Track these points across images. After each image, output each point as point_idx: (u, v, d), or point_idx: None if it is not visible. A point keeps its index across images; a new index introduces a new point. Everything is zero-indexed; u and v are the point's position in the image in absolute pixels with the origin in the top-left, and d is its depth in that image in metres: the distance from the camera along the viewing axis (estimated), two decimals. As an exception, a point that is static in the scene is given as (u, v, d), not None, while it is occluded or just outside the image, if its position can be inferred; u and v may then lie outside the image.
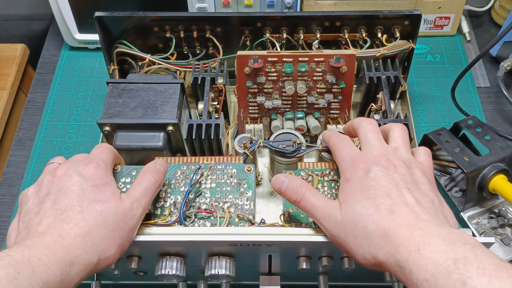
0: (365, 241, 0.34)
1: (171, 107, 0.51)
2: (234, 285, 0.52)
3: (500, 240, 0.51)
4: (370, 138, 0.41)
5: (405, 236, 0.32)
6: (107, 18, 0.56)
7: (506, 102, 0.67)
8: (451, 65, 0.71)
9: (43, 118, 0.67)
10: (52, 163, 0.42)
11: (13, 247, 0.32)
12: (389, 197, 0.35)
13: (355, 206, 0.35)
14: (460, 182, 0.54)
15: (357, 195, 0.36)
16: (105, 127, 0.50)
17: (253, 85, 0.54)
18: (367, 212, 0.34)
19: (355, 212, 0.35)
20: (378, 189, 0.35)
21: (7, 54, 0.77)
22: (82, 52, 0.75)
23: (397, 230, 0.33)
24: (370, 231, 0.34)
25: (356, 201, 0.35)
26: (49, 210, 0.35)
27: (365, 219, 0.34)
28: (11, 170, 0.63)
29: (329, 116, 0.57)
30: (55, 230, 0.34)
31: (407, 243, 0.32)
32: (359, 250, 0.35)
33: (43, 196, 0.37)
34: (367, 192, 0.35)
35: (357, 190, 0.36)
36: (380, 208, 0.34)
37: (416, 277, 0.31)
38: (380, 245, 0.33)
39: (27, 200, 0.38)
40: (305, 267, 0.43)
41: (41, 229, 0.34)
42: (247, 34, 0.59)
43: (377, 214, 0.34)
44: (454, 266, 0.29)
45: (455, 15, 0.71)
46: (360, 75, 0.58)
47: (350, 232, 0.35)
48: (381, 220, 0.34)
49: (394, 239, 0.33)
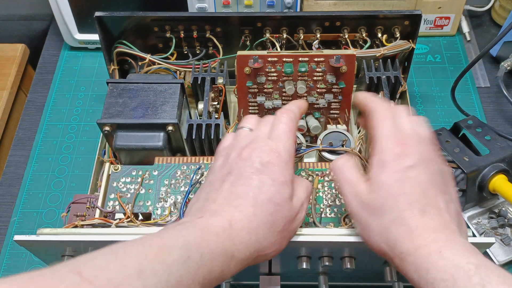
0: (386, 231, 0.34)
1: (171, 107, 0.51)
2: (234, 285, 0.52)
3: (500, 240, 0.51)
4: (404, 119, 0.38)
5: (429, 239, 0.32)
6: (107, 18, 0.56)
7: (506, 102, 0.67)
8: (451, 65, 0.71)
9: (43, 118, 0.67)
10: (242, 129, 0.41)
11: (187, 225, 0.33)
12: (424, 197, 0.34)
13: (387, 200, 0.34)
14: (460, 182, 0.54)
15: (392, 188, 0.34)
16: (105, 127, 0.50)
17: (253, 85, 0.54)
18: (398, 207, 0.33)
19: (386, 203, 0.34)
20: (416, 185, 0.34)
21: (7, 54, 0.77)
22: (82, 52, 0.75)
23: (422, 232, 0.32)
24: (396, 225, 0.33)
25: (389, 194, 0.34)
26: (225, 191, 0.36)
27: (394, 213, 0.33)
28: (11, 170, 0.63)
29: (329, 116, 0.57)
30: (226, 215, 0.34)
31: (430, 245, 0.32)
32: (376, 236, 0.34)
33: (226, 173, 0.37)
34: (404, 185, 0.34)
35: (394, 181, 0.34)
36: (413, 206, 0.33)
37: (433, 277, 0.30)
38: (400, 240, 0.33)
39: (216, 162, 0.39)
40: (305, 267, 0.43)
41: (214, 207, 0.35)
42: (247, 34, 0.59)
43: (409, 212, 0.33)
44: (475, 271, 0.29)
45: (455, 15, 0.71)
46: (360, 75, 0.58)
47: (375, 218, 0.34)
48: (410, 217, 0.33)
49: (417, 239, 0.32)
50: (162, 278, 0.28)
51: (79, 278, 0.25)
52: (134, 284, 0.27)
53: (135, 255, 0.29)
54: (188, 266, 0.30)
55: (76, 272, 0.26)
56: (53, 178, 0.62)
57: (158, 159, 0.49)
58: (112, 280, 0.26)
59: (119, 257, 0.28)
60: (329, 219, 0.45)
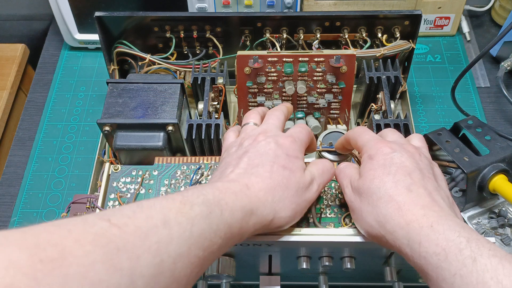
0: (376, 209, 0.35)
1: (171, 107, 0.51)
2: (234, 285, 0.52)
3: (500, 240, 0.51)
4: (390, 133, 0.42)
5: (419, 214, 0.33)
6: (107, 18, 0.56)
7: (506, 102, 0.67)
8: (451, 65, 0.71)
9: (43, 118, 0.67)
10: (248, 124, 0.44)
11: (205, 187, 0.34)
12: (409, 177, 0.35)
13: (373, 181, 0.36)
14: (460, 182, 0.54)
15: (378, 170, 0.36)
16: (105, 127, 0.50)
17: (253, 85, 0.54)
18: (384, 186, 0.35)
19: (372, 184, 0.36)
20: (401, 168, 0.36)
21: (7, 54, 0.77)
22: (82, 52, 0.75)
23: (411, 207, 0.34)
24: (384, 202, 0.35)
25: (375, 176, 0.36)
26: (243, 163, 0.38)
27: (381, 191, 0.35)
28: (11, 170, 0.63)
29: (329, 116, 0.57)
30: (243, 180, 0.36)
31: (420, 220, 0.33)
32: (368, 217, 0.36)
33: (242, 153, 0.39)
34: (389, 168, 0.36)
35: (379, 166, 0.37)
36: (399, 184, 0.35)
37: (425, 250, 0.31)
38: (390, 216, 0.34)
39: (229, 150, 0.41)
40: (305, 267, 0.43)
41: (231, 176, 0.37)
42: (247, 34, 0.59)
43: (394, 189, 0.35)
44: (466, 244, 0.30)
45: (455, 15, 0.71)
46: (360, 75, 0.58)
47: (365, 200, 0.36)
48: (397, 194, 0.35)
49: (406, 214, 0.33)
50: (186, 228, 0.30)
51: (108, 224, 0.27)
52: (160, 232, 0.28)
53: (160, 208, 0.30)
54: (210, 221, 0.31)
55: (105, 219, 0.27)
56: (53, 178, 0.62)
57: (158, 159, 0.49)
58: (140, 227, 0.28)
59: (145, 208, 0.30)
60: (329, 219, 0.45)
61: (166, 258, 0.28)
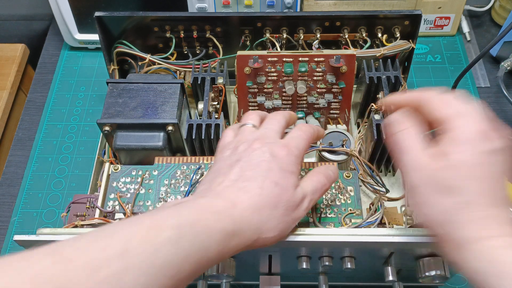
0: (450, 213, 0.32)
1: (171, 107, 0.51)
2: (234, 285, 0.52)
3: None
4: None
5: (497, 232, 0.31)
6: (107, 18, 0.56)
7: (506, 102, 0.67)
8: (451, 65, 0.71)
9: (43, 118, 0.67)
10: (246, 125, 0.42)
11: (185, 205, 0.33)
12: (498, 188, 0.32)
13: (460, 180, 0.32)
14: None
15: (469, 169, 0.32)
16: (105, 127, 0.50)
17: (253, 85, 0.54)
18: (470, 191, 0.32)
19: (457, 184, 0.32)
20: (492, 174, 0.32)
21: (7, 54, 0.77)
22: (82, 52, 0.75)
23: (492, 223, 0.31)
24: (463, 208, 0.32)
25: (463, 175, 0.32)
26: (234, 174, 0.36)
27: (465, 195, 0.32)
28: (11, 170, 0.63)
29: (329, 116, 0.57)
30: (230, 196, 0.35)
31: (498, 238, 0.30)
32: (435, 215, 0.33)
33: (235, 160, 0.38)
34: (480, 170, 0.32)
35: (472, 163, 0.32)
36: (486, 194, 0.32)
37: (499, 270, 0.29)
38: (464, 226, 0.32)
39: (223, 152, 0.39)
40: (305, 267, 0.43)
41: (218, 189, 0.35)
42: (247, 34, 0.59)
43: (481, 198, 0.32)
44: None
45: (455, 15, 0.71)
46: (360, 75, 0.58)
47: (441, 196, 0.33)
48: (481, 205, 0.32)
49: (484, 229, 0.31)
50: (147, 259, 0.28)
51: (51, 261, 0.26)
52: (114, 264, 0.27)
53: (122, 235, 0.29)
54: (180, 245, 0.30)
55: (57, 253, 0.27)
56: (53, 178, 0.62)
57: (158, 159, 0.49)
58: (91, 260, 0.26)
59: (105, 237, 0.28)
60: (329, 219, 0.45)
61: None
